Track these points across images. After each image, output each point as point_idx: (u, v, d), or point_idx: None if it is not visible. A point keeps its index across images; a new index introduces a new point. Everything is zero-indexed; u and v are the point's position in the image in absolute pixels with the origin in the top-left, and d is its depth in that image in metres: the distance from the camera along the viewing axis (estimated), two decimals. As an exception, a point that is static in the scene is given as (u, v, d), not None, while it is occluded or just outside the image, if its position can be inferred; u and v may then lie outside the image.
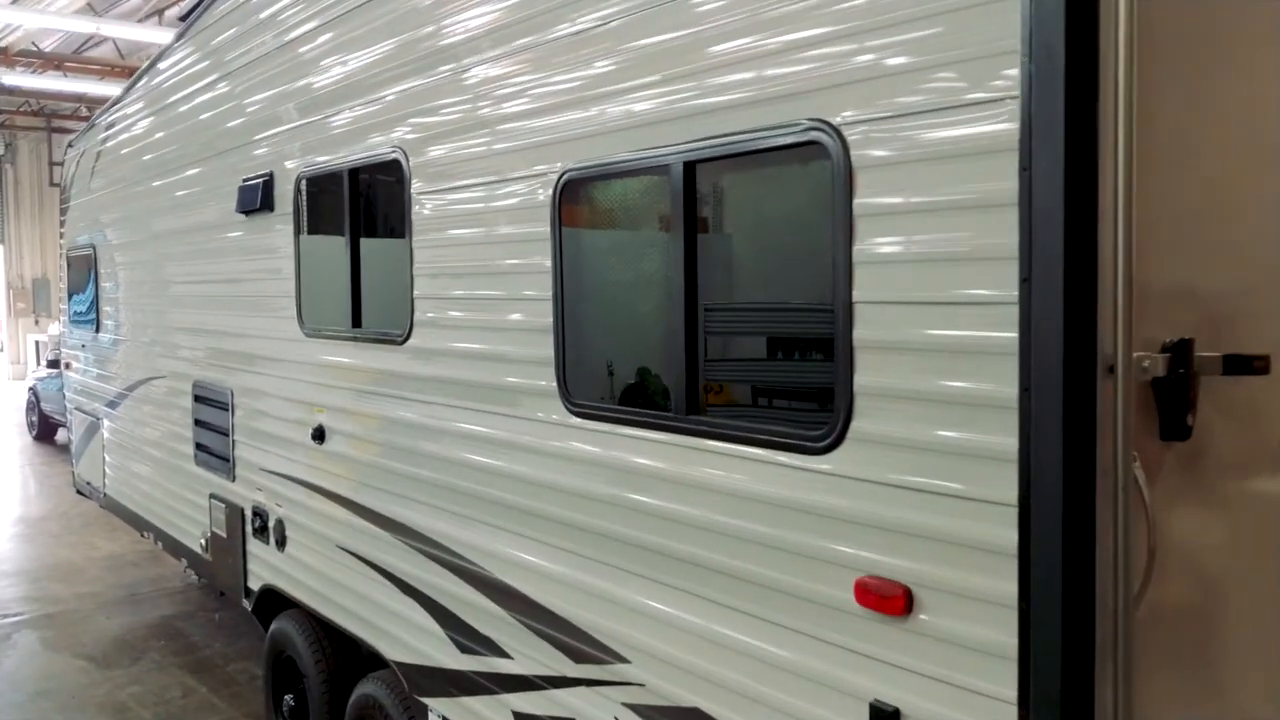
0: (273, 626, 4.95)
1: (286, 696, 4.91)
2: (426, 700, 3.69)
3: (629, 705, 2.80)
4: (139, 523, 6.91)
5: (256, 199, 4.75)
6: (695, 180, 2.55)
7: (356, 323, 4.10)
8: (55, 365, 12.49)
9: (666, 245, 2.67)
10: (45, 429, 15.46)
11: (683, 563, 2.62)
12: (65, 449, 9.57)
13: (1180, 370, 1.90)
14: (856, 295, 2.14)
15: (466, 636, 3.45)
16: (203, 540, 5.68)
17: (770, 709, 2.39)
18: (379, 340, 3.92)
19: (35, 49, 18.05)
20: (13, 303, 24.91)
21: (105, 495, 7.59)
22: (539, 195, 3.07)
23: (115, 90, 7.20)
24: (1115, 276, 1.80)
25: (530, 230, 3.12)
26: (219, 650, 6.59)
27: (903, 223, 2.05)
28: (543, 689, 3.11)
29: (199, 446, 5.66)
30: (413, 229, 3.68)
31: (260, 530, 4.93)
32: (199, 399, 5.65)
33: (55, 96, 21.68)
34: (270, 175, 4.71)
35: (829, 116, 2.18)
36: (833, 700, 2.25)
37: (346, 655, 4.47)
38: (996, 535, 1.92)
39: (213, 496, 5.50)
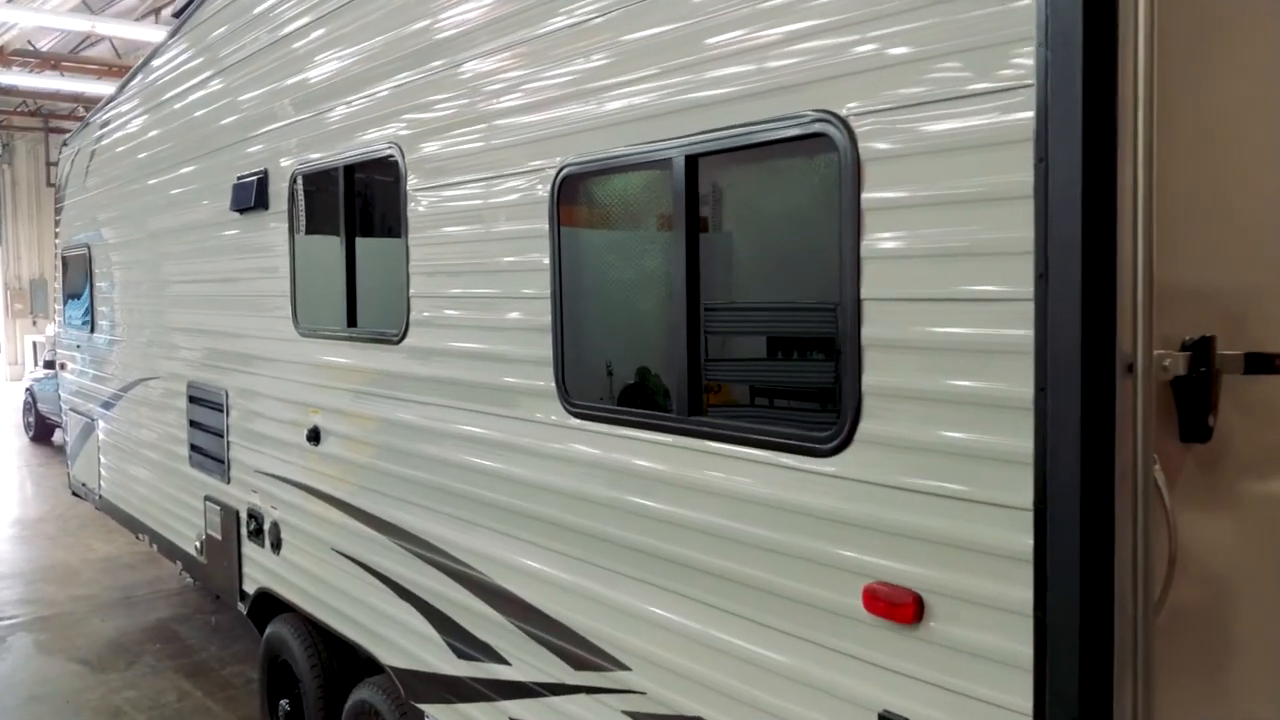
0: (268, 630, 4.90)
1: (282, 701, 4.87)
2: (423, 706, 3.63)
3: (630, 714, 2.73)
4: (134, 525, 6.86)
5: (250, 197, 4.71)
6: (697, 175, 2.48)
7: (352, 322, 4.05)
8: (52, 366, 12.44)
9: (668, 241, 2.60)
10: (42, 430, 15.45)
11: (685, 568, 2.55)
12: (62, 450, 9.53)
13: (1201, 369, 1.84)
14: (865, 292, 2.08)
15: (464, 642, 3.39)
16: (197, 543, 5.63)
17: (775, 719, 2.33)
18: (374, 340, 3.87)
19: (32, 48, 17.99)
20: (10, 303, 24.87)
21: (100, 497, 7.54)
22: (537, 191, 3.01)
23: (112, 90, 7.13)
24: (1135, 272, 1.73)
25: (528, 227, 3.06)
26: (214, 654, 6.54)
27: (913, 217, 1.99)
28: (541, 696, 3.04)
29: (194, 448, 5.61)
30: (408, 226, 3.62)
31: (255, 533, 4.88)
32: (194, 400, 5.60)
33: (52, 96, 21.63)
34: (264, 173, 4.66)
35: (835, 108, 2.12)
36: (840, 710, 2.18)
37: (343, 660, 4.43)
38: (1011, 540, 1.85)
39: (207, 499, 5.44)
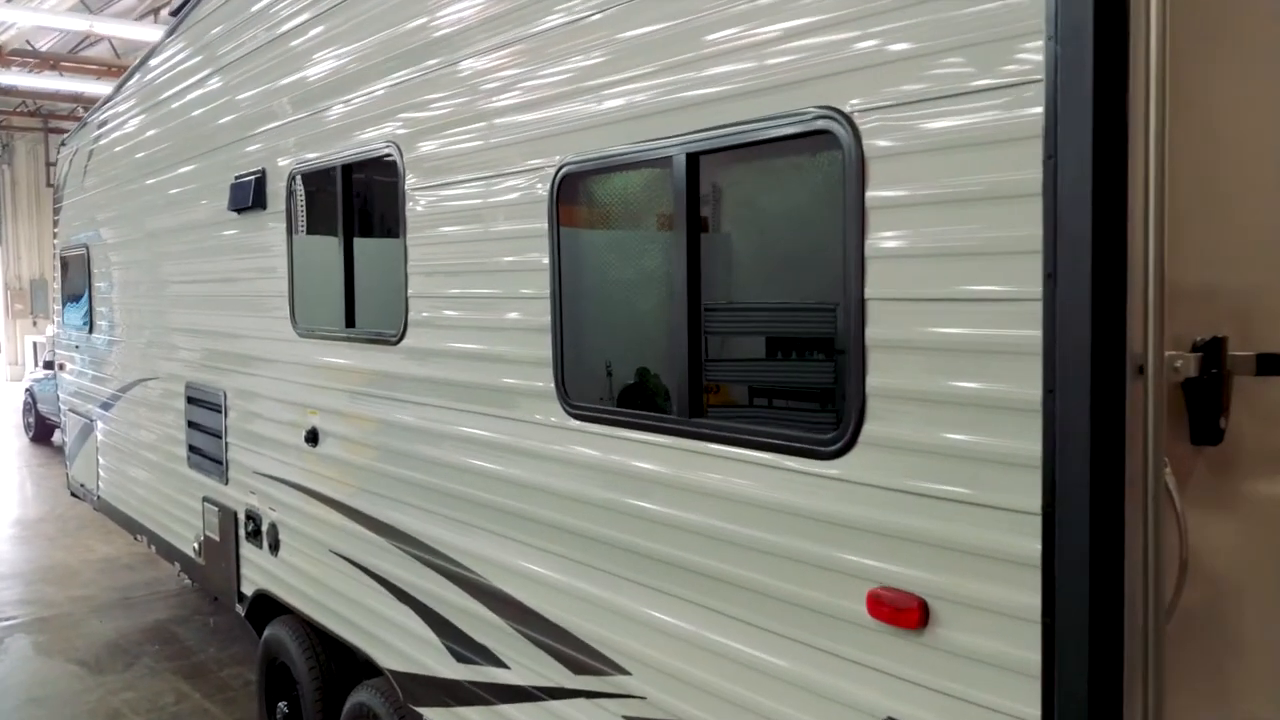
0: (266, 632, 4.87)
1: (280, 704, 4.83)
2: (421, 710, 3.59)
3: (629, 719, 2.70)
4: (132, 526, 6.83)
5: (248, 197, 4.67)
6: (698, 173, 2.45)
7: (350, 323, 4.01)
8: (51, 366, 12.41)
9: (668, 241, 2.57)
10: (42, 430, 15.42)
11: (686, 571, 2.52)
12: (62, 450, 9.50)
13: (1213, 370, 1.80)
14: (869, 292, 2.04)
15: (462, 645, 3.35)
16: (196, 544, 5.60)
17: (778, 725, 2.29)
18: (373, 340, 3.83)
19: (31, 48, 17.95)
20: (10, 304, 24.83)
21: (99, 498, 7.51)
22: (536, 190, 2.98)
23: (111, 90, 7.11)
24: (1146, 271, 1.69)
25: (527, 226, 3.02)
26: (213, 655, 6.50)
27: (918, 215, 1.95)
28: (540, 700, 3.01)
29: (192, 449, 5.58)
30: (407, 226, 3.58)
31: (253, 534, 4.85)
32: (192, 400, 5.56)
33: (52, 96, 21.59)
34: (262, 172, 4.63)
35: (839, 104, 2.08)
36: (843, 717, 2.15)
37: (341, 662, 4.39)
38: (1019, 545, 1.81)
39: (206, 499, 5.41)
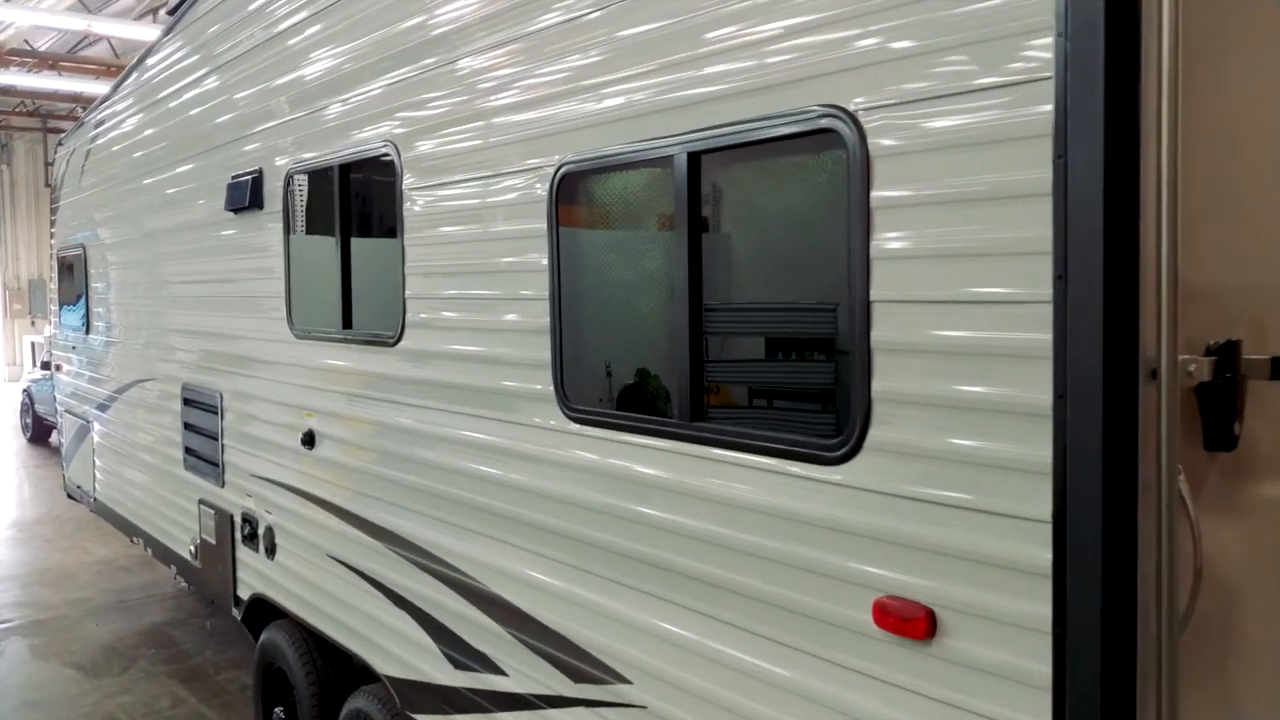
0: (263, 636, 4.82)
1: (277, 709, 4.79)
2: (419, 717, 3.55)
3: (630, 727, 2.66)
4: (129, 528, 6.79)
5: (245, 196, 4.63)
6: (700, 172, 2.41)
7: (347, 324, 3.97)
8: (49, 367, 12.37)
9: (669, 241, 2.52)
10: (40, 431, 15.37)
11: (687, 578, 2.47)
12: (59, 451, 9.47)
13: (1227, 374, 1.76)
14: (874, 294, 2.00)
15: (460, 652, 3.31)
16: (192, 547, 5.56)
17: (781, 735, 2.25)
18: (370, 342, 3.79)
19: (29, 48, 17.91)
20: (8, 304, 24.77)
21: (95, 500, 7.47)
22: (535, 190, 2.93)
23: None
24: (1159, 273, 1.65)
25: (526, 227, 2.98)
26: (209, 659, 6.46)
27: (924, 216, 1.91)
28: (539, 708, 2.97)
29: (188, 451, 5.54)
30: (404, 226, 3.54)
31: (249, 537, 4.80)
32: (188, 402, 5.52)
33: (50, 96, 21.53)
34: (259, 172, 4.59)
35: (843, 102, 2.04)
36: (848, 728, 2.11)
37: (338, 667, 4.35)
38: (1028, 554, 1.77)
39: (202, 502, 5.37)
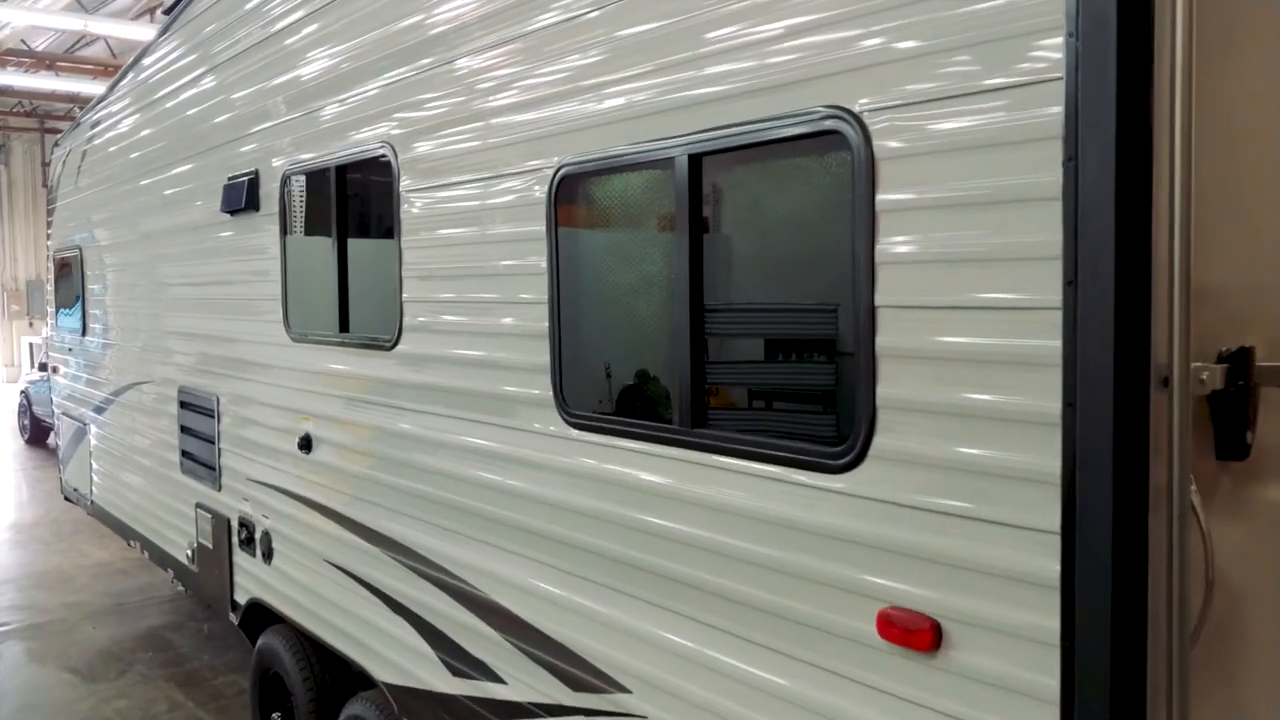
0: (260, 641, 4.78)
1: (274, 715, 4.75)
2: (417, 724, 3.51)
3: (630, 738, 2.62)
4: (126, 531, 6.76)
5: (241, 198, 4.59)
6: (701, 174, 2.37)
7: (344, 327, 3.93)
8: (46, 368, 12.33)
9: (670, 245, 2.48)
10: (38, 432, 15.31)
11: (688, 587, 2.44)
12: (57, 453, 9.45)
13: (1239, 382, 1.73)
14: (879, 299, 1.97)
15: (458, 659, 3.27)
16: (189, 551, 5.52)
17: (783, 747, 2.21)
18: (367, 346, 3.75)
19: (26, 48, 17.86)
20: (6, 305, 24.72)
21: (92, 503, 7.44)
22: (533, 192, 2.90)
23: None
24: (1171, 278, 1.61)
25: (524, 229, 2.94)
26: (207, 662, 6.42)
27: (931, 219, 1.87)
28: (538, 717, 2.93)
29: (185, 454, 5.50)
30: (401, 229, 3.50)
31: (246, 542, 4.77)
32: (185, 405, 5.48)
33: (48, 97, 21.48)
34: (255, 173, 4.55)
35: (848, 103, 2.00)
36: (852, 740, 2.07)
37: (335, 673, 4.31)
38: (1036, 566, 1.73)
39: (199, 506, 5.33)
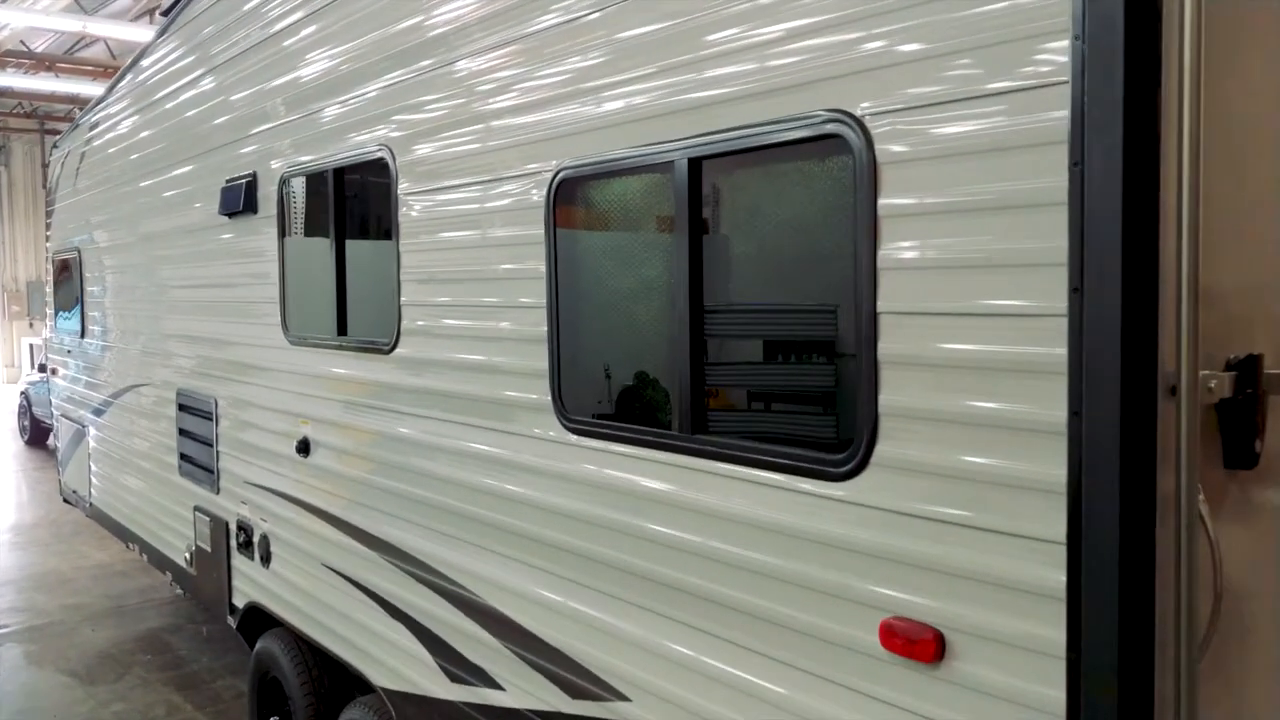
0: (258, 645, 4.76)
1: (272, 718, 4.72)
2: (415, 730, 3.49)
3: (630, 746, 2.60)
4: (124, 534, 6.74)
5: (239, 200, 4.57)
6: (700, 178, 2.34)
7: (342, 331, 3.91)
8: (46, 369, 12.31)
9: (669, 250, 2.46)
10: (37, 433, 15.28)
11: (687, 594, 2.41)
12: (57, 454, 9.44)
13: (1248, 390, 1.70)
14: (881, 305, 1.94)
15: (457, 665, 3.25)
16: (187, 554, 5.50)
17: (784, 757, 2.18)
18: (365, 349, 3.73)
19: (26, 49, 17.84)
20: (6, 306, 24.70)
21: (91, 505, 7.42)
22: (532, 196, 2.87)
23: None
24: (1179, 285, 1.59)
25: (523, 233, 2.92)
26: (206, 665, 6.40)
27: (934, 225, 1.84)
28: (537, 725, 2.90)
29: (183, 457, 5.48)
30: (400, 232, 3.48)
31: (245, 545, 4.74)
32: (183, 408, 5.46)
33: (48, 98, 21.47)
34: (253, 176, 4.52)
35: (850, 107, 1.97)
36: (854, 752, 2.04)
37: (334, 677, 4.28)
38: (1042, 576, 1.71)
39: (197, 509, 5.30)
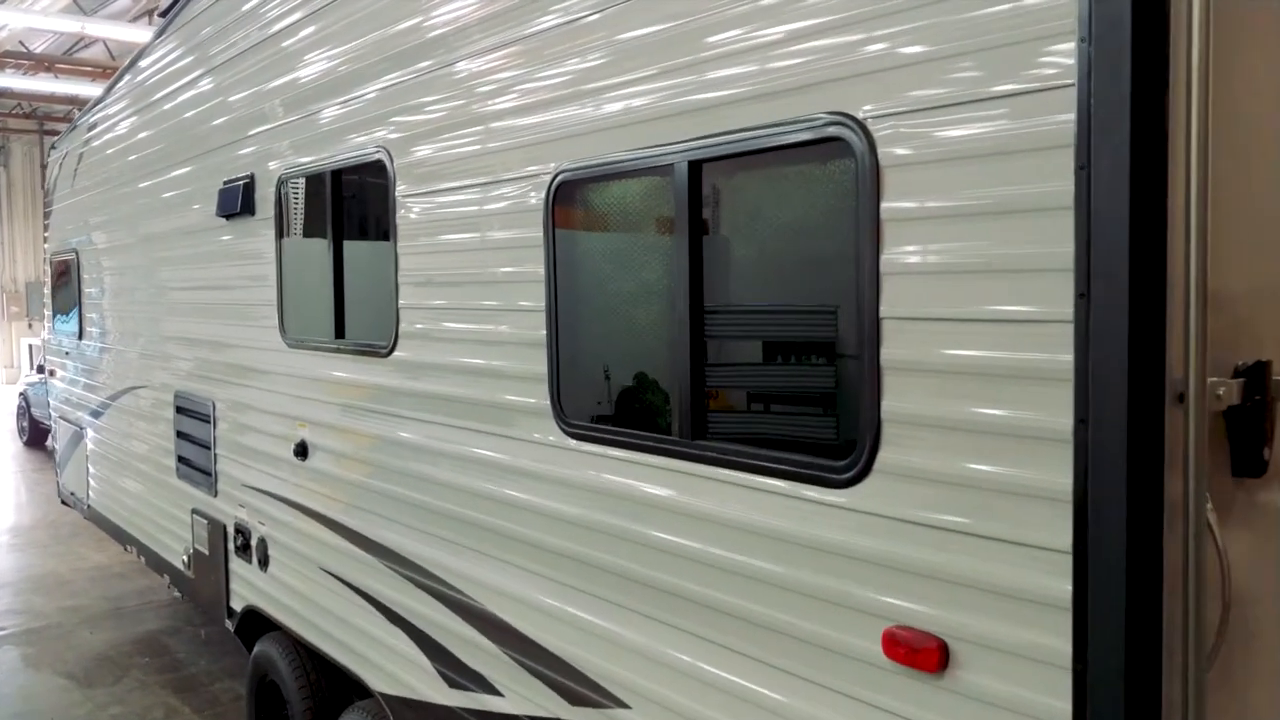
0: (256, 649, 4.73)
1: (270, 723, 4.71)
2: (413, 736, 3.46)
3: (629, 754, 2.57)
4: (122, 536, 6.71)
5: (237, 202, 4.55)
6: (701, 181, 2.32)
7: (339, 333, 3.88)
8: (44, 371, 12.29)
9: (669, 254, 2.43)
10: (36, 434, 15.25)
11: (687, 601, 2.39)
12: (55, 456, 9.44)
13: (1256, 397, 1.68)
14: (884, 310, 1.92)
15: (455, 670, 3.22)
16: (185, 557, 5.47)
17: (786, 767, 2.16)
18: (363, 352, 3.70)
19: (25, 50, 17.82)
20: (6, 306, 24.68)
21: (89, 507, 7.39)
22: (530, 198, 2.85)
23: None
24: (1187, 291, 1.56)
25: (521, 235, 2.89)
26: (204, 668, 6.37)
27: (937, 229, 1.82)
28: (536, 731, 2.88)
29: (181, 459, 5.45)
30: (397, 234, 3.45)
31: (242, 548, 4.72)
32: (181, 410, 5.43)
33: (47, 99, 21.45)
34: (251, 177, 4.50)
35: (852, 110, 1.95)
36: (857, 761, 2.02)
37: (332, 681, 4.26)
38: (1047, 585, 1.69)
39: (195, 512, 5.28)
